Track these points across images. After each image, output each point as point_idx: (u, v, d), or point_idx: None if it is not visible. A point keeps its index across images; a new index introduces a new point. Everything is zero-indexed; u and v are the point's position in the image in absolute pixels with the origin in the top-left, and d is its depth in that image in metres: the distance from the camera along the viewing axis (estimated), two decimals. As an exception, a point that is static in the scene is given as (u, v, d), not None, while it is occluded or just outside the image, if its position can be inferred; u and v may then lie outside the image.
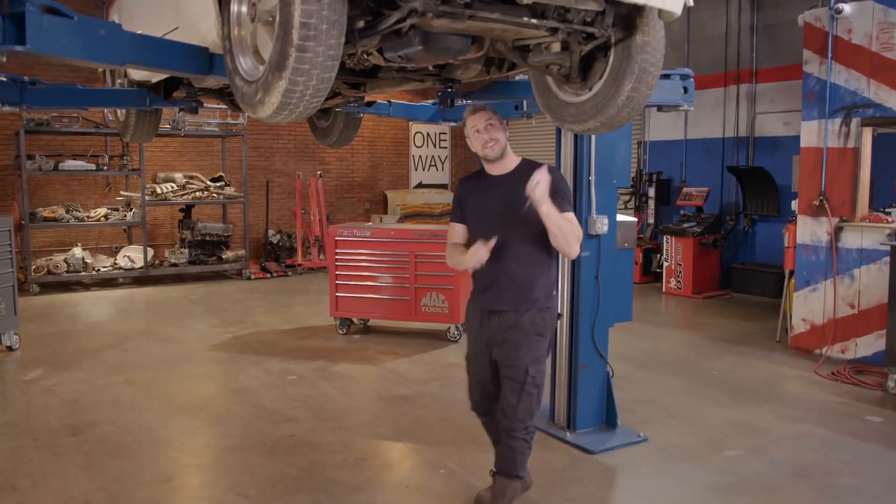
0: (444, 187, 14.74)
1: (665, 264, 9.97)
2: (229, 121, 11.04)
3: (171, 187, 10.86)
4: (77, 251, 10.15)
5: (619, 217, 4.71)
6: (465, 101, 5.04)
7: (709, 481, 3.95)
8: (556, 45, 2.98)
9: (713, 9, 10.17)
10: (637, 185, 11.10)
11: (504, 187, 3.22)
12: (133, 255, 10.54)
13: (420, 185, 14.65)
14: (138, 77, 4.37)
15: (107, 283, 10.43)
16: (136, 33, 2.76)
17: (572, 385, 4.57)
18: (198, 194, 11.04)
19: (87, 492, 3.78)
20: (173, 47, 2.98)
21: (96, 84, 5.70)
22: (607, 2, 2.62)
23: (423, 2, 2.29)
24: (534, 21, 2.61)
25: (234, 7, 2.62)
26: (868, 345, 6.23)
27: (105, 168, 10.36)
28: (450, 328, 6.98)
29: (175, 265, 10.83)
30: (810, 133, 6.66)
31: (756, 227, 9.95)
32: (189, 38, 3.06)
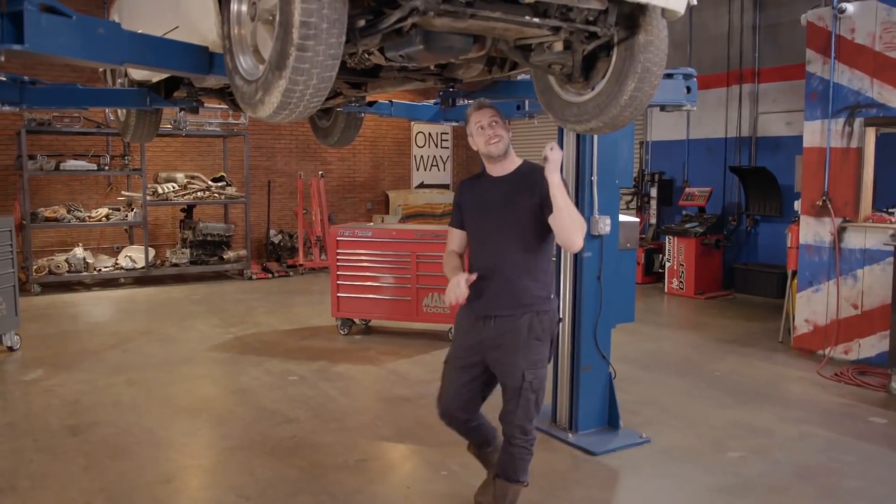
0: (445, 187, 14.72)
1: (667, 265, 9.95)
2: (231, 121, 11.03)
3: (173, 187, 10.85)
4: (78, 251, 10.15)
5: (622, 217, 4.70)
6: (466, 101, 5.03)
7: (712, 483, 3.94)
8: (559, 45, 2.96)
9: (715, 8, 10.15)
10: (639, 186, 11.08)
11: (504, 188, 3.14)
12: (134, 256, 10.54)
13: (422, 186, 14.65)
14: (139, 77, 4.36)
15: (108, 283, 10.43)
16: (135, 32, 2.75)
17: (574, 386, 4.56)
18: (199, 194, 11.03)
19: (86, 493, 3.77)
20: (173, 46, 2.96)
21: (98, 84, 5.68)
22: (610, 1, 2.60)
23: (424, 0, 2.27)
24: (536, 20, 2.59)
25: (234, 6, 2.61)
26: (871, 346, 6.20)
27: (106, 168, 10.35)
28: (451, 329, 6.94)
29: (176, 265, 10.83)
30: (813, 133, 6.64)
31: (758, 228, 9.93)
32: (189, 37, 3.04)
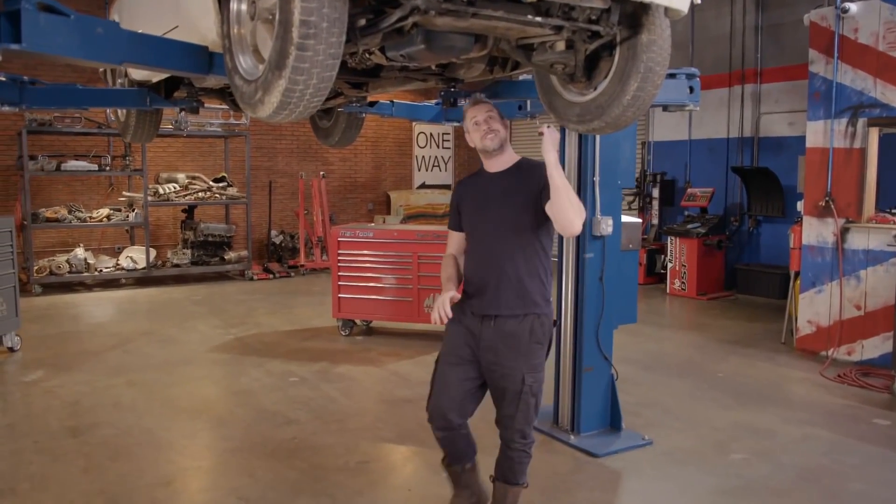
0: (447, 188, 14.70)
1: (669, 265, 9.93)
2: (232, 121, 11.03)
3: (174, 188, 10.84)
4: (79, 252, 10.14)
5: (624, 218, 4.67)
6: (468, 101, 4.99)
7: (715, 485, 3.91)
8: (561, 44, 2.94)
9: (717, 8, 10.12)
10: (641, 186, 11.06)
11: (503, 183, 3.06)
12: (135, 256, 10.53)
13: (423, 186, 14.64)
14: (139, 77, 4.35)
15: (109, 283, 10.42)
16: (134, 32, 2.73)
17: (576, 387, 4.54)
18: (200, 195, 11.02)
19: (86, 495, 3.75)
20: (172, 46, 2.94)
21: (99, 84, 5.67)
22: (613, 0, 2.58)
23: (425, -1, 2.25)
24: (538, 19, 2.56)
25: (233, 5, 2.59)
26: (874, 347, 6.18)
27: (107, 168, 10.34)
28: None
29: (177, 266, 10.82)
30: (816, 133, 6.61)
31: (761, 228, 9.91)
32: (189, 36, 3.03)
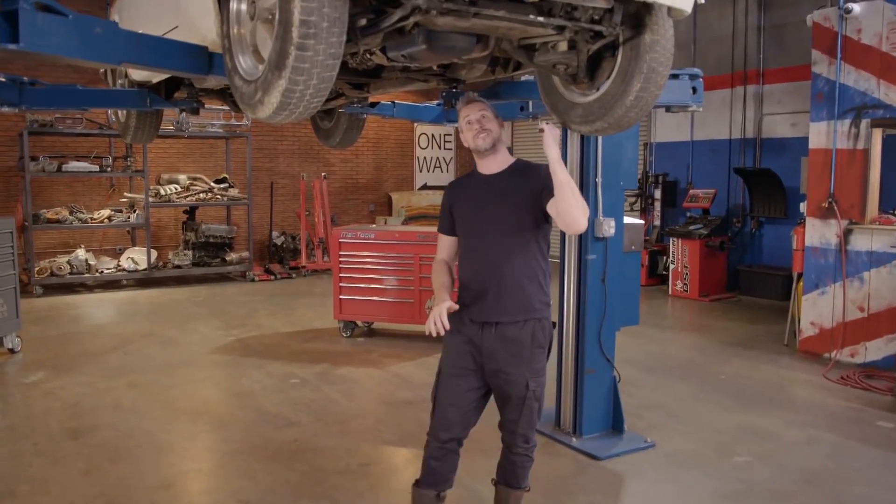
0: (448, 189, 14.66)
1: (671, 267, 9.90)
2: (233, 122, 11.02)
3: (175, 189, 10.84)
4: (80, 253, 10.13)
5: (626, 219, 4.65)
6: (461, 100, 4.97)
7: (718, 488, 3.89)
8: (563, 44, 2.92)
9: (720, 9, 10.09)
10: (643, 187, 11.03)
11: (498, 185, 2.95)
12: (136, 257, 10.52)
13: (425, 187, 14.61)
14: (139, 77, 4.34)
15: (110, 284, 10.41)
16: (133, 32, 2.71)
17: (578, 390, 4.52)
18: (202, 196, 11.01)
19: (86, 498, 3.73)
20: (171, 46, 2.92)
21: (100, 85, 5.66)
22: (616, -1, 2.56)
23: (426, -1, 2.23)
24: (540, 19, 2.54)
25: (233, 5, 2.56)
26: (878, 349, 6.15)
27: (109, 169, 10.33)
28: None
29: (179, 267, 10.80)
30: (819, 134, 6.59)
31: (763, 230, 9.88)
32: (189, 37, 3.01)
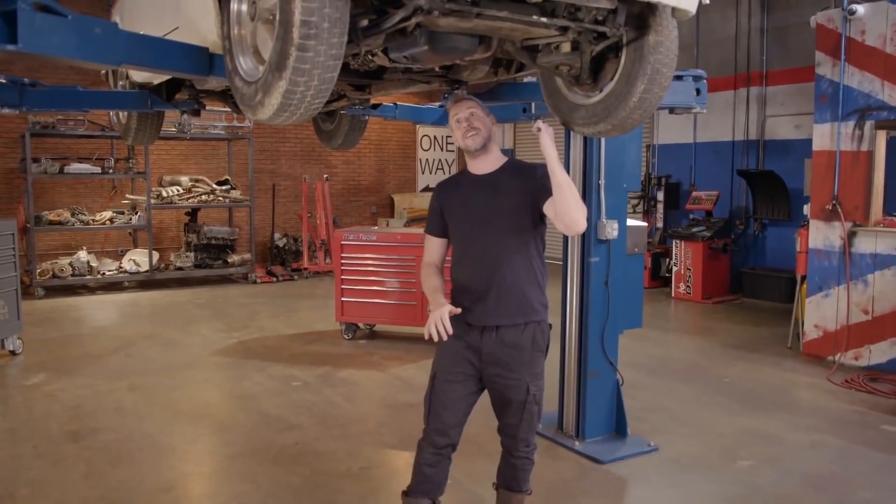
0: (450, 191, 14.66)
1: (674, 269, 9.87)
2: (235, 124, 11.01)
3: (177, 190, 10.83)
4: (82, 255, 10.13)
5: (630, 222, 4.62)
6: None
7: (721, 493, 3.86)
8: (567, 45, 2.90)
9: (723, 10, 10.07)
10: (646, 189, 11.00)
11: (491, 186, 2.89)
12: (138, 259, 10.51)
13: (427, 189, 14.58)
14: (140, 79, 4.33)
15: (112, 286, 10.40)
16: (132, 33, 2.69)
17: (581, 393, 4.50)
18: (203, 198, 11.00)
19: (86, 501, 3.71)
20: (171, 47, 2.90)
21: (102, 87, 5.65)
22: (620, 0, 2.53)
23: (428, -1, 2.21)
24: (543, 20, 2.52)
25: (233, 5, 2.55)
26: (882, 352, 6.12)
27: (111, 171, 10.34)
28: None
29: (180, 269, 10.80)
30: (823, 136, 6.56)
31: (766, 232, 9.84)
32: (189, 38, 2.99)
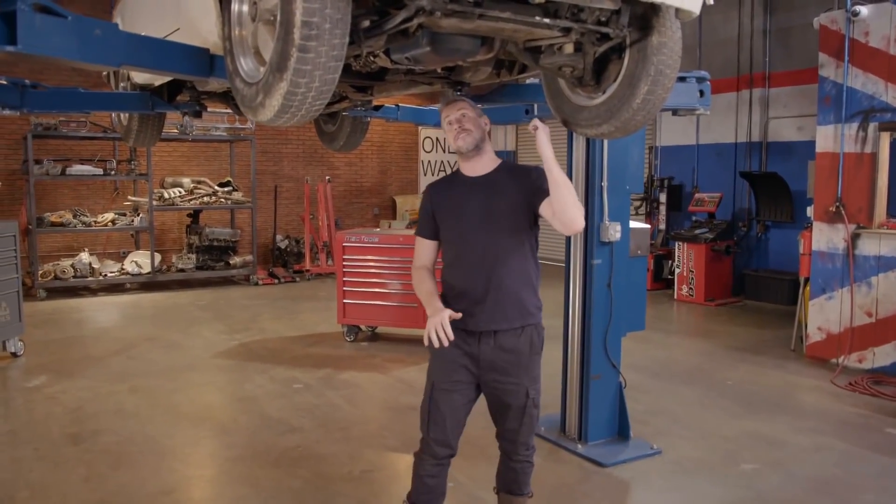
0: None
1: (677, 271, 9.85)
2: (237, 125, 11.02)
3: (179, 192, 10.83)
4: (84, 256, 10.13)
5: (632, 224, 4.61)
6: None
7: (724, 497, 3.84)
8: (569, 47, 2.88)
9: (725, 12, 10.05)
10: (648, 191, 10.98)
11: (486, 188, 2.85)
12: (140, 261, 10.51)
13: (429, 191, 14.58)
14: (141, 80, 4.31)
15: (114, 288, 10.40)
16: (132, 34, 2.68)
17: (584, 396, 4.47)
18: (206, 199, 11.00)
19: (86, 504, 3.71)
20: (171, 48, 2.89)
21: (104, 88, 5.65)
22: (623, 1, 2.51)
23: (430, 0, 2.19)
24: (546, 21, 2.50)
25: (234, 6, 2.53)
26: (886, 354, 6.09)
27: (113, 173, 10.35)
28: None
29: (182, 270, 10.79)
30: (826, 138, 6.53)
31: (769, 234, 9.81)
32: (190, 39, 2.98)
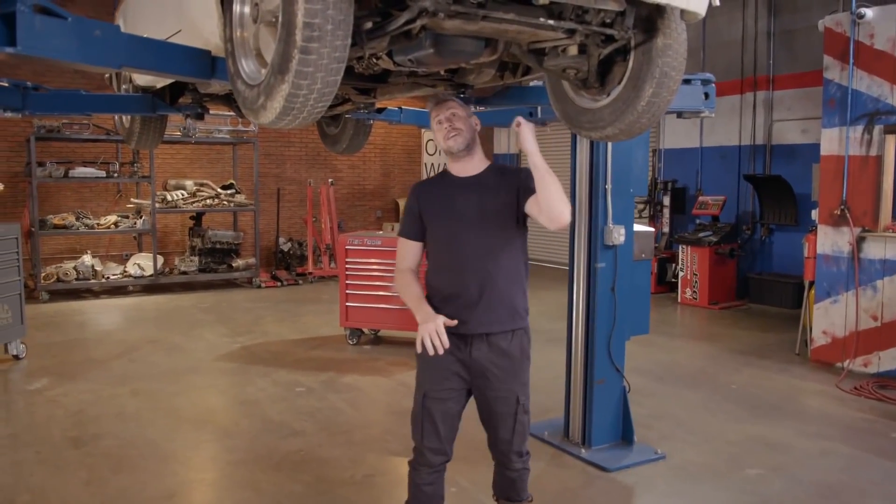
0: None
1: (680, 274, 9.81)
2: (240, 128, 11.01)
3: (182, 195, 10.83)
4: (87, 259, 10.13)
5: (637, 227, 4.58)
6: (477, 108, 4.91)
7: (729, 501, 3.81)
8: (574, 48, 2.86)
9: (729, 14, 10.02)
10: (652, 194, 10.95)
11: (475, 189, 2.80)
12: (143, 263, 10.51)
13: (432, 193, 14.57)
14: (143, 82, 4.30)
15: (116, 290, 10.39)
16: (133, 35, 2.67)
17: (587, 400, 4.45)
18: (208, 202, 10.99)
19: (87, 508, 3.69)
20: (172, 50, 2.87)
21: (106, 90, 5.64)
22: (628, 2, 2.49)
23: (433, 1, 2.17)
24: (550, 22, 2.48)
25: (236, 8, 2.52)
26: (892, 358, 6.05)
27: (115, 175, 10.34)
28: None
29: (185, 273, 10.78)
30: (831, 141, 6.50)
31: (773, 237, 9.78)
32: (192, 40, 2.96)
